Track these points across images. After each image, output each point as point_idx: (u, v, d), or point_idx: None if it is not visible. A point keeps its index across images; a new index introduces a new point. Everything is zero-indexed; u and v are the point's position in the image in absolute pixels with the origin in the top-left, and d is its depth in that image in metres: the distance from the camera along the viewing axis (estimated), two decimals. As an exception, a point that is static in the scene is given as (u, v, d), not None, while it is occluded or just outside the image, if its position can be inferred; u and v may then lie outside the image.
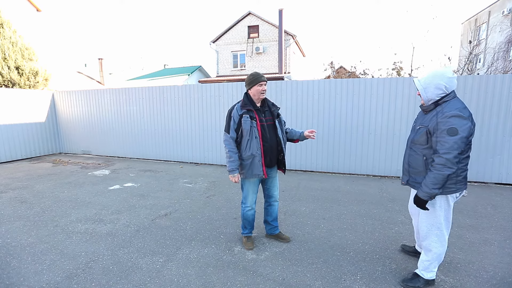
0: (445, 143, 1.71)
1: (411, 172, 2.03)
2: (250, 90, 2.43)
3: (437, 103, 1.85)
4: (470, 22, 19.34)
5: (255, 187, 2.58)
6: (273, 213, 2.74)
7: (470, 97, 4.68)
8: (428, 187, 1.77)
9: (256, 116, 2.40)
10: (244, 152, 2.42)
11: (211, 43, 19.32)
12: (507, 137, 4.62)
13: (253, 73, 2.42)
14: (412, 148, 2.01)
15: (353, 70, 10.74)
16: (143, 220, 3.28)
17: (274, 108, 2.55)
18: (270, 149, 2.45)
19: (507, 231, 2.98)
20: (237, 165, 2.43)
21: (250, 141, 2.38)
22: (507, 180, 4.73)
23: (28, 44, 8.61)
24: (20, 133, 7.04)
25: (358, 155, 5.36)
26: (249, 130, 2.37)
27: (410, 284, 2.01)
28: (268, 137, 2.43)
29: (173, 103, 6.55)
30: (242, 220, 2.69)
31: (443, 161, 1.71)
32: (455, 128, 1.69)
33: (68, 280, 2.16)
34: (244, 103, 2.43)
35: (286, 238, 2.78)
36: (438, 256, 1.97)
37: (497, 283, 2.11)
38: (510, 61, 13.47)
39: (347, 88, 5.26)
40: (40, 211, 3.57)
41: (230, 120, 2.43)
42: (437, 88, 1.81)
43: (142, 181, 5.01)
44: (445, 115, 1.73)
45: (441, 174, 1.72)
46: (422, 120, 1.94)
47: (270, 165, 2.51)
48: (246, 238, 2.71)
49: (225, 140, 2.46)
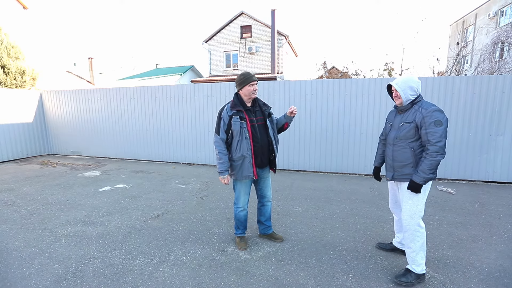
0: (435, 133, 1.93)
1: (396, 167, 2.19)
2: (241, 90, 2.42)
3: (413, 102, 2.11)
4: (457, 24, 19.82)
5: (247, 188, 2.57)
6: (266, 213, 2.74)
7: (458, 97, 4.79)
8: (425, 173, 1.96)
9: (246, 117, 2.38)
10: (234, 153, 2.41)
11: (204, 43, 19.22)
12: (493, 136, 4.75)
13: (244, 73, 2.40)
14: (396, 144, 2.17)
15: (345, 71, 10.86)
16: (135, 222, 3.24)
17: (265, 107, 2.53)
18: (261, 150, 2.44)
19: (493, 228, 3.07)
20: (227, 167, 2.43)
21: (240, 142, 2.36)
22: (494, 178, 4.86)
23: (14, 42, 8.39)
24: (6, 134, 6.84)
25: (350, 155, 5.42)
26: (239, 131, 2.35)
27: (403, 279, 2.08)
28: (259, 137, 2.42)
29: (165, 103, 6.49)
30: (235, 221, 2.69)
31: (437, 148, 1.92)
32: (440, 120, 1.94)
33: (57, 284, 2.11)
34: (234, 104, 2.42)
35: (279, 237, 2.78)
36: (421, 245, 2.09)
37: (484, 278, 2.17)
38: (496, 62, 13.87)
39: (339, 88, 5.31)
40: (28, 214, 3.48)
41: (220, 121, 2.42)
42: (412, 90, 2.08)
43: (134, 182, 4.94)
44: (429, 110, 1.98)
45: (436, 160, 1.93)
46: (402, 119, 2.15)
47: (261, 165, 2.50)
48: (239, 238, 2.70)
49: (215, 141, 2.45)
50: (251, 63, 18.52)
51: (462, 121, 4.84)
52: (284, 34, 17.84)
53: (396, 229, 2.50)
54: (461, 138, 4.89)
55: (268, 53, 17.85)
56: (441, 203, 3.84)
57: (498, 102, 4.64)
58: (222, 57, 19.14)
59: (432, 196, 4.14)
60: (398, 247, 2.50)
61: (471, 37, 17.61)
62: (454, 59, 10.01)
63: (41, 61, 11.87)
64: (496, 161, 4.80)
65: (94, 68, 17.25)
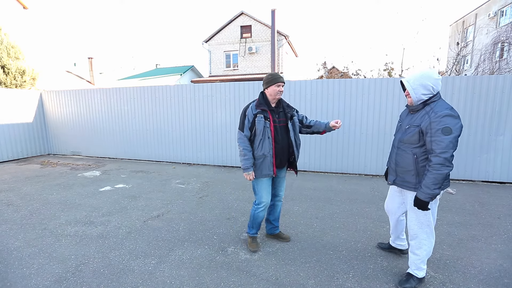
0: (441, 142, 1.71)
1: (398, 172, 2.04)
2: (267, 90, 2.41)
3: (426, 103, 1.86)
4: (457, 24, 19.83)
5: (268, 186, 2.52)
6: (276, 212, 2.73)
7: (458, 98, 4.79)
8: (429, 188, 1.76)
9: (270, 117, 2.38)
10: (256, 151, 2.41)
11: (204, 43, 19.21)
12: (493, 136, 4.75)
13: (272, 73, 2.42)
14: (400, 147, 2.02)
15: (346, 71, 10.85)
16: (135, 222, 3.24)
17: (289, 109, 2.51)
18: (281, 151, 2.44)
19: (493, 228, 3.07)
20: (251, 163, 2.40)
21: (263, 141, 2.36)
22: (494, 178, 4.86)
23: (14, 42, 8.39)
24: (6, 134, 6.84)
25: (350, 155, 5.42)
26: (262, 130, 2.35)
27: (407, 286, 2.02)
28: (280, 139, 2.42)
29: (165, 103, 6.49)
30: (250, 220, 2.62)
31: (441, 160, 1.71)
32: (449, 127, 1.70)
33: (57, 284, 2.11)
34: (259, 103, 2.41)
35: (286, 237, 2.77)
36: (428, 253, 2.01)
37: (484, 278, 2.17)
38: (496, 62, 13.87)
39: (339, 88, 5.31)
40: (28, 214, 3.48)
41: (245, 118, 2.40)
42: (425, 89, 1.83)
43: (134, 182, 4.94)
44: (438, 115, 1.74)
45: (441, 174, 1.72)
46: (411, 120, 1.95)
47: (280, 166, 2.51)
48: (251, 238, 2.65)
49: (239, 138, 2.44)
50: (251, 63, 18.51)
51: (462, 121, 4.82)
52: (284, 34, 17.83)
53: (391, 229, 2.46)
54: (461, 138, 4.88)
55: (268, 53, 17.84)
56: (441, 203, 3.84)
57: (498, 102, 4.64)
58: (222, 57, 19.14)
59: (432, 196, 4.14)
60: (395, 246, 2.48)
61: (471, 37, 17.62)
62: (454, 59, 10.01)
63: (41, 61, 11.87)
64: (496, 161, 4.80)
65: (94, 68, 17.24)
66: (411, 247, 2.06)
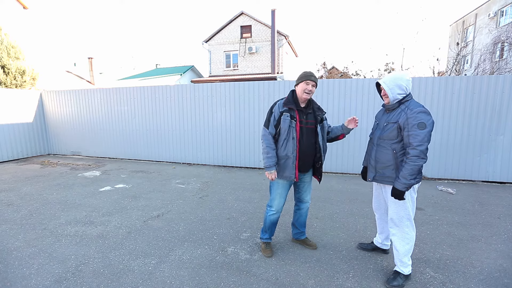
0: (417, 136, 1.86)
1: (378, 168, 2.13)
2: (297, 86, 2.31)
3: (400, 102, 2.04)
4: (457, 24, 19.82)
5: (284, 191, 2.42)
6: (301, 217, 2.61)
7: (458, 97, 4.79)
8: (406, 178, 1.90)
9: (297, 117, 2.26)
10: (279, 151, 2.31)
11: (204, 43, 19.21)
12: (493, 136, 4.75)
13: (306, 71, 2.30)
14: (380, 144, 2.12)
15: (346, 71, 10.86)
16: (135, 222, 3.24)
17: (319, 112, 2.36)
18: (305, 154, 2.31)
19: (493, 228, 3.07)
20: (274, 162, 2.30)
21: (287, 141, 2.26)
22: (494, 178, 4.86)
23: (14, 42, 8.38)
24: (6, 134, 6.84)
25: (350, 155, 5.42)
26: (287, 129, 2.24)
27: (394, 284, 2.05)
28: (304, 141, 2.29)
29: (165, 103, 6.49)
30: (264, 224, 2.54)
31: (417, 152, 1.85)
32: (424, 122, 1.86)
33: (57, 284, 2.11)
34: (288, 101, 2.30)
35: (312, 244, 2.63)
36: (410, 247, 2.07)
37: (484, 278, 2.17)
38: (496, 62, 13.87)
39: (339, 88, 5.31)
40: (28, 214, 3.48)
41: (271, 115, 2.32)
42: (400, 89, 2.01)
43: (134, 182, 4.94)
44: (414, 111, 1.91)
45: (417, 165, 1.87)
46: (388, 118, 2.10)
47: (303, 170, 2.38)
48: (264, 244, 2.55)
49: (263, 135, 2.35)
50: (251, 63, 18.51)
51: (462, 121, 4.84)
52: (284, 34, 17.83)
53: (378, 230, 2.47)
54: (461, 138, 4.89)
55: (268, 53, 17.85)
56: (441, 203, 3.84)
57: (498, 102, 4.64)
58: (222, 57, 19.14)
59: (432, 196, 4.14)
60: (380, 246, 2.50)
61: (471, 37, 17.62)
62: (454, 59, 10.01)
63: (41, 61, 11.87)
64: (496, 161, 4.80)
65: (94, 68, 17.24)
66: (393, 243, 2.13)
